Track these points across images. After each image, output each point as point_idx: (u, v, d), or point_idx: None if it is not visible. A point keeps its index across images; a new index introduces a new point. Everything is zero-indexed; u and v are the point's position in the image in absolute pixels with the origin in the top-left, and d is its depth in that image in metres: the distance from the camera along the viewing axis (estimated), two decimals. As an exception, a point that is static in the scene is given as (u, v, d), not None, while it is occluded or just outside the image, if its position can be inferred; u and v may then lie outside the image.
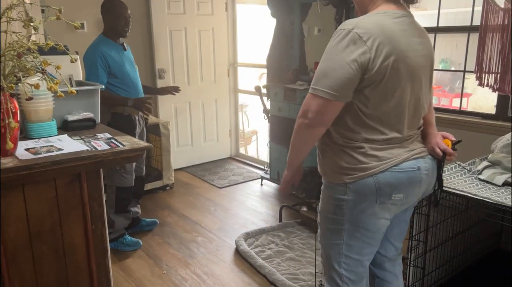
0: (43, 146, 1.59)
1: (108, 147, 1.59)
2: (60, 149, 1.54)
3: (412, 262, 2.18)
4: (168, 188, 4.30)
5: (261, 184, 4.39)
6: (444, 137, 1.62)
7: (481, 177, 2.12)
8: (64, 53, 1.58)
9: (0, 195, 1.43)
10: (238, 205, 3.89)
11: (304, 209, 3.37)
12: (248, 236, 3.19)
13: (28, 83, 1.33)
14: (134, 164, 2.98)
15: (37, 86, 1.34)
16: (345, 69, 1.36)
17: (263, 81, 10.27)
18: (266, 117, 4.26)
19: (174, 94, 3.35)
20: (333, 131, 1.52)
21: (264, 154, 5.68)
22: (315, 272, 2.51)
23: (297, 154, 1.60)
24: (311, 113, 1.41)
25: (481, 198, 1.84)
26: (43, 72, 1.32)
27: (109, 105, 2.80)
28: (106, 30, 2.88)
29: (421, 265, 2.21)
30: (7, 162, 1.40)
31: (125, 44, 2.96)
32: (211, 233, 3.33)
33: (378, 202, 1.50)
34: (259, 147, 5.97)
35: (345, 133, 1.49)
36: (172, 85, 3.50)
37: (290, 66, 4.14)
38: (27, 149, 1.54)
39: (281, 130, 4.08)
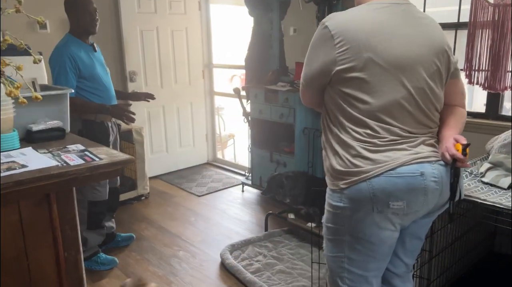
0: (2, 163, 1.34)
1: (82, 162, 1.36)
2: (24, 166, 1.30)
3: (414, 273, 2.04)
4: (143, 198, 4.03)
5: (242, 191, 4.20)
6: (457, 141, 1.41)
7: (484, 180, 2.01)
8: (25, 52, 1.35)
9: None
10: (220, 214, 3.68)
11: (291, 216, 3.21)
12: (233, 248, 2.98)
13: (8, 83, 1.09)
14: (107, 175, 2.72)
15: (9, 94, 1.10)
16: (313, 63, 1.40)
17: (234, 84, 10.11)
18: (245, 120, 4.07)
19: (148, 101, 3.10)
20: (331, 130, 1.42)
21: (242, 159, 5.49)
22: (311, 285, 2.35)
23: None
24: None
25: (494, 204, 1.73)
26: (1, 74, 1.09)
27: (81, 113, 2.54)
28: (73, 28, 2.60)
29: (426, 276, 2.09)
30: (-40, 184, 1.16)
31: (95, 45, 2.70)
32: (193, 246, 3.10)
33: (375, 210, 1.35)
34: (237, 151, 5.78)
35: (340, 133, 1.39)
36: (145, 91, 3.21)
37: (270, 66, 3.97)
38: (-17, 167, 1.29)
39: (263, 134, 3.91)
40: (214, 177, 4.61)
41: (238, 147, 5.99)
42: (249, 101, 3.94)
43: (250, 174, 4.14)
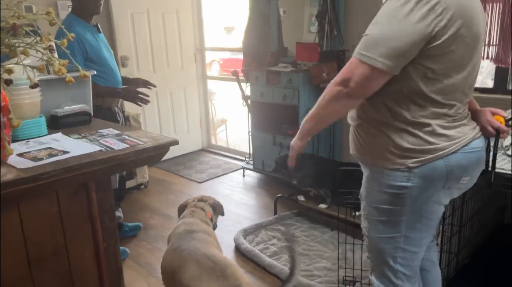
0: (38, 150, 1.24)
1: (126, 146, 1.26)
2: (65, 152, 1.20)
3: (442, 247, 2.06)
4: (142, 187, 3.92)
5: (243, 175, 4.14)
6: (494, 114, 1.46)
7: (509, 153, 2.03)
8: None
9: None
10: (225, 199, 3.61)
11: (302, 198, 3.18)
12: (246, 233, 2.94)
13: (30, 66, 0.98)
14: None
15: (42, 69, 0.99)
16: (407, 36, 1.18)
17: (214, 69, 9.93)
18: (245, 103, 3.99)
19: (150, 88, 2.88)
20: (389, 107, 1.32)
21: (238, 144, 5.43)
22: (338, 267, 2.33)
23: (319, 123, 1.44)
24: (354, 83, 1.23)
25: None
26: (51, 49, 0.98)
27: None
28: (75, 8, 2.44)
29: (453, 250, 2.10)
30: (4, 174, 1.05)
31: (99, 26, 2.55)
32: (204, 233, 3.03)
33: (445, 187, 1.34)
34: (231, 136, 5.70)
35: (406, 110, 1.29)
36: (141, 78, 2.94)
37: (269, 48, 3.88)
38: (20, 155, 1.19)
39: (265, 117, 3.84)
40: (212, 163, 4.53)
41: (231, 132, 5.92)
42: (248, 84, 3.86)
43: (250, 159, 4.08)
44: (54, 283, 1.32)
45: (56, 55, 1.05)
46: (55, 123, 1.49)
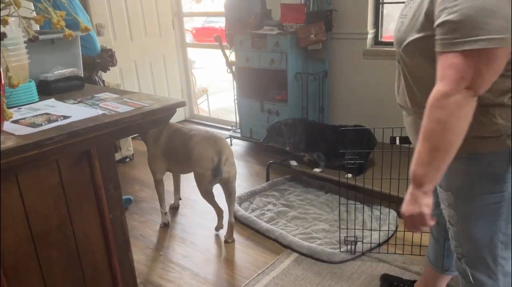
0: (34, 116, 1.13)
1: (132, 108, 1.17)
2: (66, 117, 1.10)
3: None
4: (128, 160, 3.81)
5: (231, 144, 4.07)
6: None
7: None
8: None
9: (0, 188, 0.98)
10: (214, 169, 3.55)
11: (294, 163, 3.15)
12: (241, 200, 2.90)
13: (26, 18, 0.87)
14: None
15: (39, 20, 0.88)
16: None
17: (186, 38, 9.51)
18: (229, 70, 3.87)
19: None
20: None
21: (220, 114, 5.33)
22: (339, 228, 2.34)
23: (450, 156, 1.06)
24: (479, 78, 0.99)
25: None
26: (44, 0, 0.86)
27: None
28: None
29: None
30: (2, 141, 0.95)
31: (73, -13, 2.36)
32: (196, 202, 2.98)
33: None
34: (211, 105, 5.58)
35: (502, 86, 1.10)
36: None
37: (252, 10, 3.74)
38: (14, 122, 1.08)
39: (251, 83, 3.74)
40: (197, 133, 4.43)
41: (213, 102, 5.80)
42: (232, 50, 3.73)
43: (237, 127, 4.00)
44: (60, 258, 1.25)
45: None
46: (46, 89, 1.37)
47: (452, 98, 1.00)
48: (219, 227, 2.62)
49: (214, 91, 6.58)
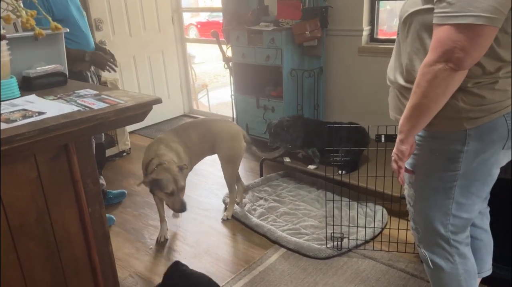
0: (11, 112, 1.16)
1: (106, 105, 1.20)
2: (41, 113, 1.13)
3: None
4: (124, 154, 3.84)
5: (227, 139, 4.09)
6: None
7: None
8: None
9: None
10: (209, 164, 3.56)
11: (287, 159, 3.16)
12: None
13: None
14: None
15: (7, 19, 0.91)
16: None
17: (192, 36, 9.57)
18: (226, 66, 3.89)
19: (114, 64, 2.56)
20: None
21: (219, 109, 5.35)
22: (326, 224, 2.35)
23: (425, 116, 1.18)
24: (461, 51, 1.05)
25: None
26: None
27: None
28: (41, -36, 2.27)
29: None
30: (-26, 136, 0.98)
31: (68, -17, 2.39)
32: (190, 197, 3.01)
33: (505, 147, 1.25)
34: (211, 100, 5.60)
35: (484, 73, 1.16)
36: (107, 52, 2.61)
37: (249, 6, 3.74)
38: (-9, 117, 1.11)
39: (247, 79, 3.76)
40: (195, 128, 4.45)
41: (213, 97, 5.82)
42: (229, 46, 3.74)
43: (234, 123, 4.02)
44: (39, 251, 1.28)
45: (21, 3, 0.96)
46: (28, 85, 1.40)
47: (432, 67, 1.10)
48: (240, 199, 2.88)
49: (216, 85, 6.60)
